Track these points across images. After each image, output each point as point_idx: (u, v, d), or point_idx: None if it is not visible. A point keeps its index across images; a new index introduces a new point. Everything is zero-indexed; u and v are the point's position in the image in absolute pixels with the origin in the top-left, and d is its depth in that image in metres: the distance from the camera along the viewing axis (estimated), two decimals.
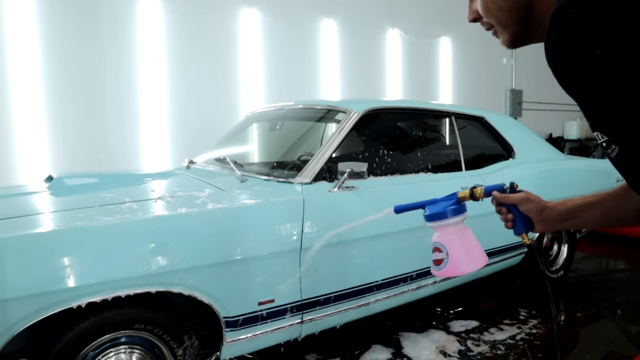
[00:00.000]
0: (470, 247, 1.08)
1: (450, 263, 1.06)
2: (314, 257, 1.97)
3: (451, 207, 1.06)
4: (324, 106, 2.62)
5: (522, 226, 1.02)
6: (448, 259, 1.06)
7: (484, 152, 3.04)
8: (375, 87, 5.87)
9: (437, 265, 1.08)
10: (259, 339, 1.92)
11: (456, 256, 1.06)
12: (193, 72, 4.41)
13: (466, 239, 1.08)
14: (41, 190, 2.16)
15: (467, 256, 1.07)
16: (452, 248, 1.06)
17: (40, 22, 3.66)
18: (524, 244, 1.05)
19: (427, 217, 1.09)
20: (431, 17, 6.43)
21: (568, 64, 0.63)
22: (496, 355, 2.40)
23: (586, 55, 0.60)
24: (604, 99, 0.62)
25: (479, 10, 0.82)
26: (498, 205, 1.04)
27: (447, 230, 1.07)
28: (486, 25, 0.84)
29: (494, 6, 0.79)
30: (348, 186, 2.13)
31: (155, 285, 1.61)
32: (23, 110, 3.64)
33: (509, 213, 1.03)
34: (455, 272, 1.07)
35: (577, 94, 0.65)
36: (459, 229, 1.08)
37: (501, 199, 1.03)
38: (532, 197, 1.02)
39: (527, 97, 6.56)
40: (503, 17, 0.79)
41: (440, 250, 1.07)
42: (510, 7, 0.77)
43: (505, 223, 1.05)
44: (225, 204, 1.85)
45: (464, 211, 1.08)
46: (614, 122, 0.64)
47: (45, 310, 1.45)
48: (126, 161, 4.09)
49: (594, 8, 0.59)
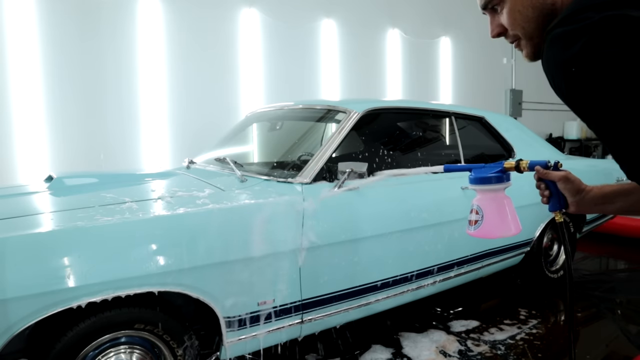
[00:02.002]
0: (506, 214, 1.15)
1: (483, 225, 1.13)
2: (314, 257, 1.97)
3: (496, 175, 1.13)
4: (324, 106, 2.62)
5: (557, 203, 1.08)
6: (482, 221, 1.13)
7: (484, 152, 3.04)
8: (375, 87, 5.87)
9: (472, 225, 1.15)
10: (259, 339, 1.92)
11: (490, 220, 1.13)
12: (193, 72, 4.41)
13: (503, 206, 1.15)
14: (41, 190, 2.16)
15: (500, 222, 1.14)
16: (489, 212, 1.13)
17: (40, 22, 3.66)
18: (555, 219, 1.11)
19: (473, 180, 1.15)
20: (431, 17, 6.43)
21: (554, 78, 0.69)
22: (496, 355, 2.40)
23: (566, 71, 0.66)
24: (586, 109, 0.68)
25: (504, 23, 0.86)
26: (539, 181, 1.10)
27: (488, 195, 1.15)
28: (511, 38, 0.87)
29: (521, 18, 0.82)
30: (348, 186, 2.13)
31: (155, 285, 1.61)
32: (23, 110, 3.64)
33: (546, 190, 1.09)
34: (488, 234, 1.14)
35: (567, 105, 0.70)
36: (499, 196, 1.15)
37: (543, 174, 1.08)
38: (572, 178, 1.07)
39: (527, 97, 6.55)
40: (530, 28, 0.82)
41: (477, 212, 1.14)
42: (537, 18, 0.80)
43: (542, 198, 1.11)
44: (225, 204, 1.85)
45: (508, 180, 1.15)
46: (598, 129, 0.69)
47: (45, 310, 1.45)
48: (126, 161, 4.09)
49: (574, 28, 0.66)
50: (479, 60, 6.79)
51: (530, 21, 0.81)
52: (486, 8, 0.89)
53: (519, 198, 1.11)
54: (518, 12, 0.82)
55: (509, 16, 0.84)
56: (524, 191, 1.80)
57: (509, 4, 0.83)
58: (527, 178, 1.27)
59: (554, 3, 0.78)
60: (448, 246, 2.50)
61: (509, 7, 0.83)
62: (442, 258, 2.51)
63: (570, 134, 8.34)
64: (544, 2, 0.79)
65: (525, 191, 1.86)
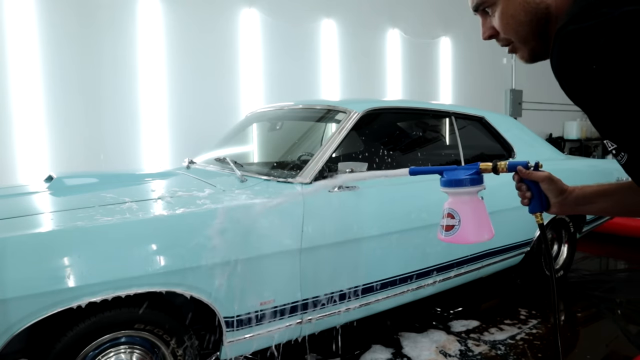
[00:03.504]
0: (481, 218, 1.10)
1: (461, 230, 1.07)
2: (314, 257, 1.97)
3: (470, 177, 1.08)
4: (324, 106, 2.62)
5: (538, 205, 1.05)
6: (460, 226, 1.07)
7: (484, 152, 3.04)
8: (375, 87, 5.86)
9: (447, 231, 1.10)
10: (259, 339, 1.92)
11: (468, 225, 1.08)
12: (193, 72, 4.41)
13: (479, 210, 1.10)
14: (41, 190, 2.16)
15: (477, 226, 1.09)
16: (465, 216, 1.08)
17: (40, 22, 3.66)
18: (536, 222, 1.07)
19: (445, 183, 1.10)
20: (431, 17, 6.43)
21: (571, 77, 0.66)
22: (496, 355, 2.40)
23: (586, 69, 0.63)
24: (606, 109, 0.64)
25: (496, 26, 0.83)
26: (519, 182, 1.07)
27: (463, 199, 1.09)
28: (503, 41, 0.85)
29: (514, 21, 0.80)
30: (348, 186, 2.13)
31: (154, 285, 1.61)
32: (23, 110, 3.63)
33: (528, 191, 1.06)
34: (464, 240, 1.09)
35: (582, 105, 0.67)
36: (474, 199, 1.10)
37: (525, 174, 1.05)
38: (554, 178, 1.04)
39: (527, 97, 6.55)
40: (523, 32, 0.80)
41: (453, 216, 1.09)
42: (531, 22, 0.78)
43: (522, 200, 1.07)
44: (225, 204, 1.85)
45: (482, 183, 1.10)
46: (618, 131, 0.66)
47: (45, 310, 1.45)
48: (126, 161, 4.09)
49: (593, 24, 0.62)
50: (479, 60, 6.78)
51: (523, 25, 0.79)
52: (477, 10, 0.86)
53: (517, 199, 1.08)
54: (510, 16, 0.79)
55: (501, 20, 0.81)
56: None
57: (500, 7, 0.80)
58: None
59: (548, 6, 0.76)
60: (448, 246, 2.49)
61: (501, 10, 0.81)
62: (442, 258, 2.51)
63: (570, 134, 8.33)
64: (537, 5, 0.77)
65: None
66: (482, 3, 0.84)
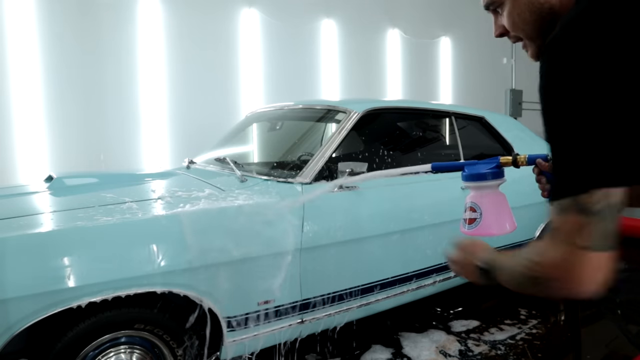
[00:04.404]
0: (503, 211, 1.13)
1: (482, 223, 1.10)
2: (314, 257, 1.97)
3: (492, 170, 1.11)
4: (324, 106, 2.62)
5: None
6: (481, 219, 1.10)
7: (484, 152, 3.04)
8: (375, 87, 5.87)
9: (469, 224, 1.12)
10: (259, 339, 1.92)
11: (490, 217, 1.10)
12: (193, 72, 4.42)
13: (500, 203, 1.12)
14: (41, 190, 2.16)
15: (499, 219, 1.12)
16: (487, 209, 1.10)
17: (40, 22, 3.66)
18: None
19: (467, 177, 1.12)
20: (431, 17, 6.43)
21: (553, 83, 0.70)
22: (496, 355, 2.40)
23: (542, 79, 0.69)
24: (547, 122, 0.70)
25: (505, 25, 0.86)
26: (539, 175, 1.08)
27: (484, 192, 1.12)
28: (514, 38, 0.88)
29: (520, 20, 0.82)
30: (348, 186, 2.13)
31: (154, 286, 1.61)
32: (23, 110, 3.64)
33: (547, 183, 1.06)
34: (486, 232, 1.11)
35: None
36: (495, 193, 1.12)
37: (545, 167, 1.06)
38: None
39: (527, 97, 6.55)
40: (529, 30, 0.83)
41: (475, 210, 1.11)
42: (536, 21, 0.80)
43: (542, 192, 1.08)
44: (225, 204, 1.85)
45: (503, 176, 1.12)
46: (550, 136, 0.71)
47: (45, 310, 1.45)
48: (126, 161, 4.10)
49: (549, 40, 0.68)
50: (479, 60, 6.78)
51: (528, 24, 0.81)
52: (488, 9, 0.90)
53: (518, 198, 1.09)
54: (517, 15, 0.82)
55: (509, 19, 0.84)
56: (523, 191, 1.80)
57: (508, 7, 0.83)
58: (526, 178, 1.26)
59: (552, 7, 0.78)
60: None
61: (508, 10, 0.84)
62: (443, 258, 2.50)
63: None
64: (541, 6, 0.79)
65: (525, 191, 1.86)
66: (492, 3, 0.87)
